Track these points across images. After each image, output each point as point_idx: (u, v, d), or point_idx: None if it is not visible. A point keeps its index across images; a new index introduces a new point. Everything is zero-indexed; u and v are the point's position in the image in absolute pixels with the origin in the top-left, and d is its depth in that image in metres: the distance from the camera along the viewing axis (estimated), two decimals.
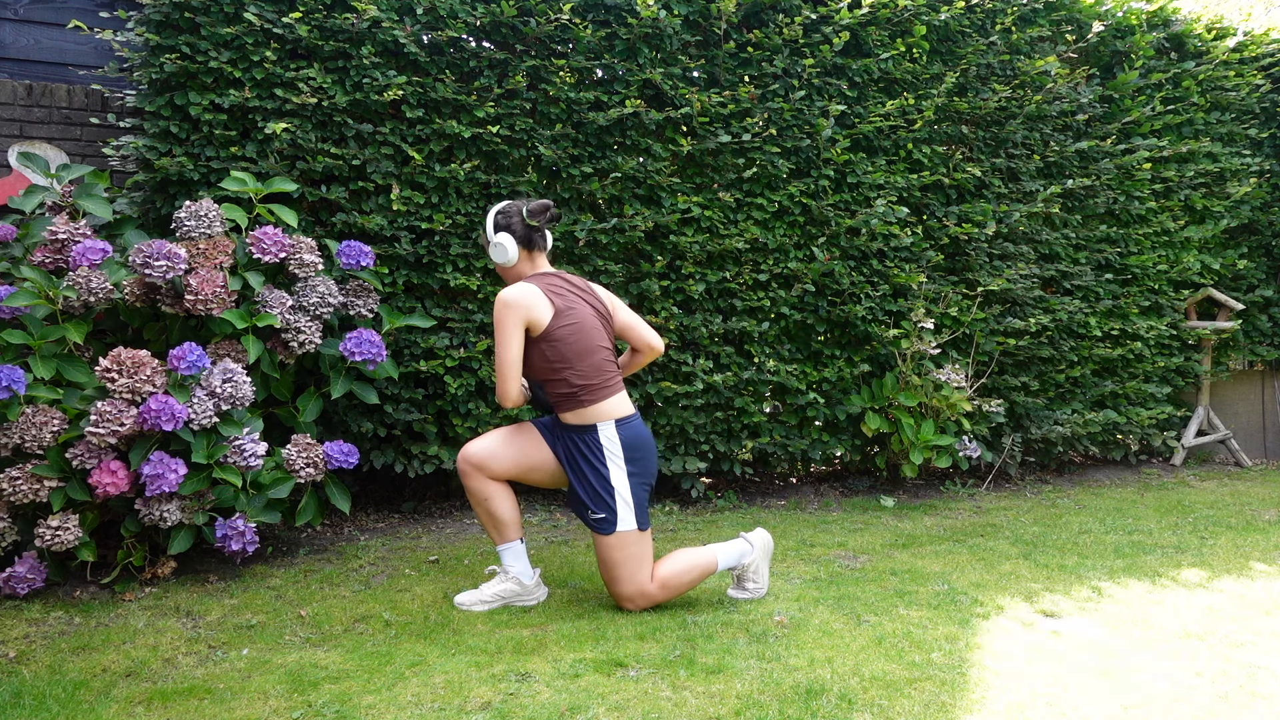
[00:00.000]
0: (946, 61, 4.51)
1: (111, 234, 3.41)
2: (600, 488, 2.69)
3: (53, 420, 2.81)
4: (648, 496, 2.77)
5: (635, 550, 2.70)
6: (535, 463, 2.81)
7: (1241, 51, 5.27)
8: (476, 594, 2.81)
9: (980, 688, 2.23)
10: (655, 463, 2.80)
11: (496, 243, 2.77)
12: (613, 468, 2.70)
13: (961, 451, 4.40)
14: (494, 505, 2.78)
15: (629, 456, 2.71)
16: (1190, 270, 5.12)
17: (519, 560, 2.82)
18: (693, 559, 2.76)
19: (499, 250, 2.78)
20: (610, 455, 2.71)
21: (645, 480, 2.75)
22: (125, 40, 3.57)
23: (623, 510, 2.69)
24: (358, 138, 3.65)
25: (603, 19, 3.95)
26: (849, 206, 4.33)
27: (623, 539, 2.68)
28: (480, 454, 2.77)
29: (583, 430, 2.73)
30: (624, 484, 2.70)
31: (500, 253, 2.77)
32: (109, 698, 2.16)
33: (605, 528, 2.69)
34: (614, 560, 2.70)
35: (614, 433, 2.72)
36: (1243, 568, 3.24)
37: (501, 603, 2.81)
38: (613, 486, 2.69)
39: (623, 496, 2.69)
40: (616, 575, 2.71)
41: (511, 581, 2.81)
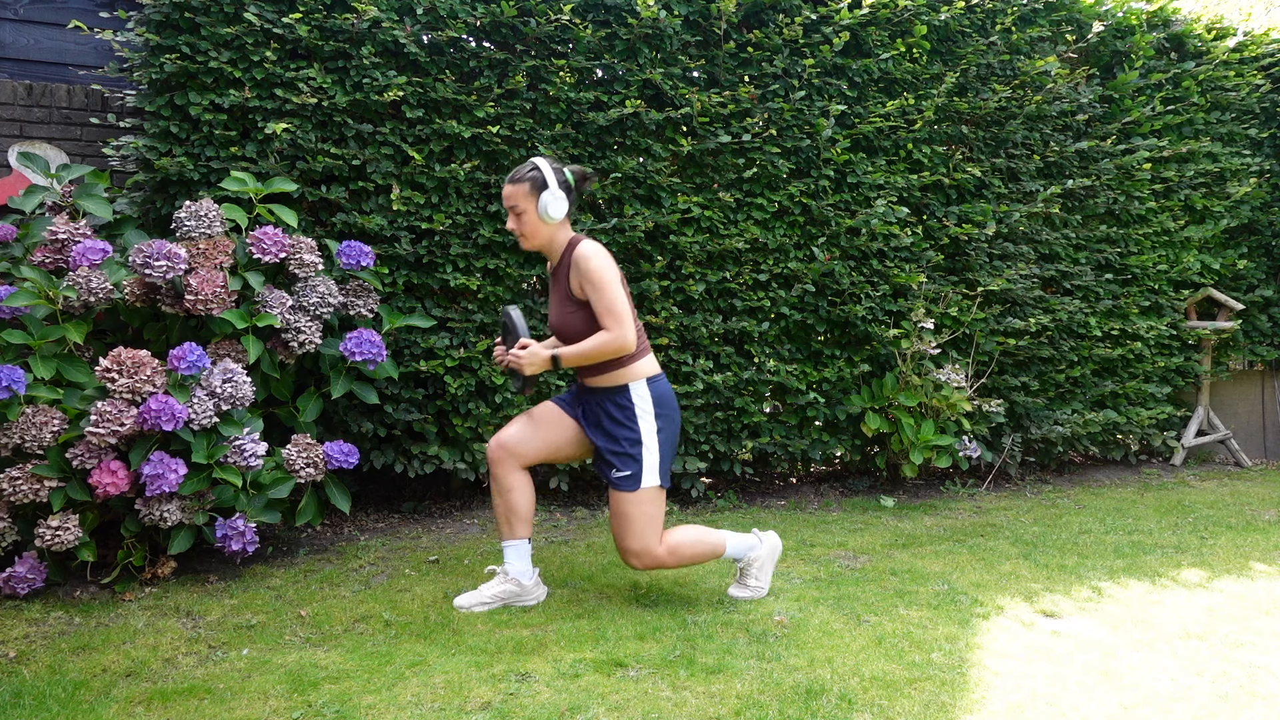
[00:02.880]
0: (946, 61, 4.51)
1: (111, 234, 3.41)
2: (629, 446, 2.71)
3: (53, 420, 2.81)
4: (672, 455, 2.80)
5: (651, 509, 2.72)
6: (564, 439, 2.85)
7: (1241, 51, 5.27)
8: (476, 595, 2.81)
9: (980, 688, 2.23)
10: (680, 420, 2.83)
11: (557, 196, 2.72)
12: (643, 424, 2.73)
13: (961, 451, 4.40)
14: (516, 497, 2.80)
15: (658, 412, 2.75)
16: (1190, 270, 5.12)
17: (522, 559, 2.81)
18: (703, 535, 2.80)
19: (556, 204, 2.71)
20: (641, 412, 2.73)
21: (672, 436, 2.78)
22: (125, 40, 3.58)
23: (648, 466, 2.71)
24: (358, 138, 3.65)
25: (603, 19, 3.95)
26: (849, 206, 4.33)
27: (643, 496, 2.71)
28: (513, 439, 2.80)
29: (613, 391, 2.74)
30: (653, 440, 2.73)
31: (557, 207, 2.72)
32: (109, 698, 2.16)
33: (630, 484, 2.71)
34: (630, 515, 2.71)
35: (645, 390, 2.74)
36: (1243, 568, 3.24)
37: (501, 603, 2.81)
38: (642, 443, 2.72)
39: (650, 452, 2.72)
40: (629, 530, 2.72)
41: (511, 582, 2.80)
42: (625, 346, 2.67)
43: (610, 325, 2.66)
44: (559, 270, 2.80)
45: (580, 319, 2.72)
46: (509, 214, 2.78)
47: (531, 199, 2.73)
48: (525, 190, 2.72)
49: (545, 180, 2.72)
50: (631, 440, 2.72)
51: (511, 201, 2.75)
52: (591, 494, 4.30)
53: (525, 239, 2.77)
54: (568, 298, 2.75)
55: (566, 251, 2.77)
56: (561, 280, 2.78)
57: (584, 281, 2.68)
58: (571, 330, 2.74)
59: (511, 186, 2.74)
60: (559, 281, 2.79)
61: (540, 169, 2.74)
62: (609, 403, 2.75)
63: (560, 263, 2.80)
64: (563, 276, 2.77)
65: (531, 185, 2.72)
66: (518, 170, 2.77)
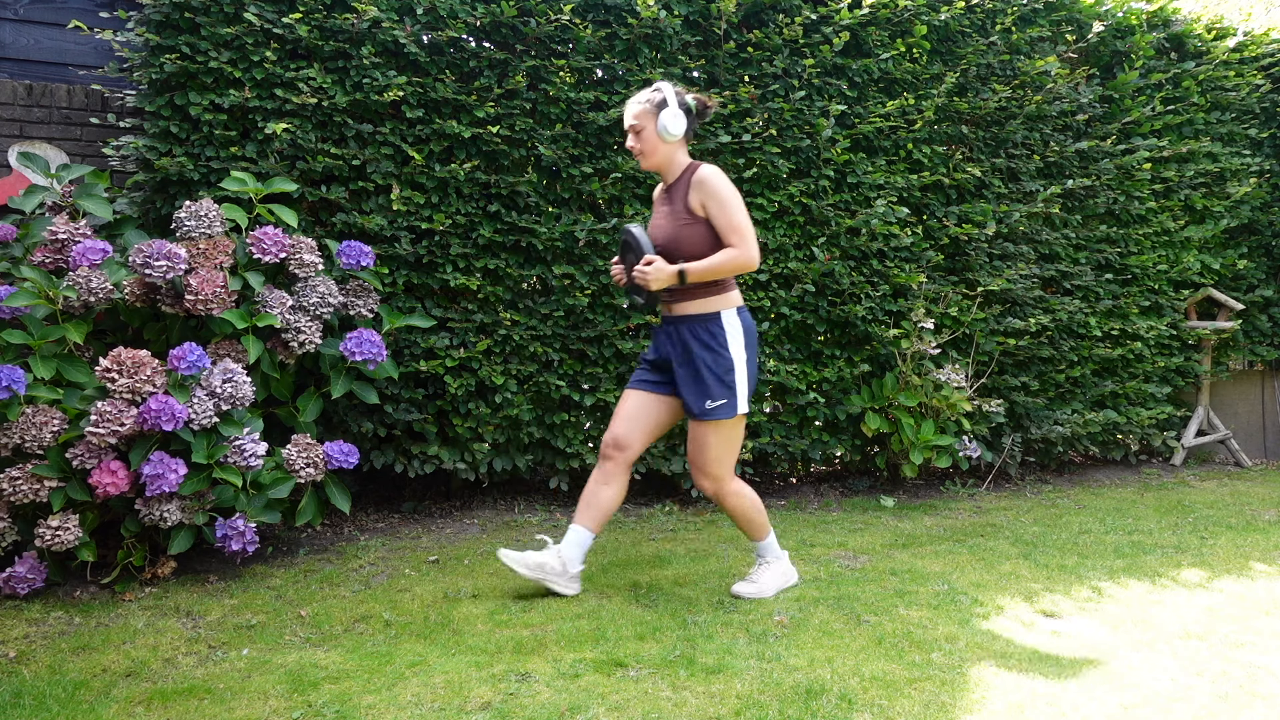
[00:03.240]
0: (946, 61, 4.51)
1: (111, 234, 3.41)
2: (724, 373, 2.77)
3: (53, 420, 2.81)
4: (754, 389, 2.91)
5: (734, 434, 2.83)
6: (660, 415, 2.93)
7: (1241, 51, 5.26)
8: (521, 556, 2.88)
9: (980, 688, 2.23)
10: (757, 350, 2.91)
11: (676, 115, 2.79)
12: (734, 350, 2.79)
13: (961, 451, 4.40)
14: (610, 493, 2.89)
15: (746, 341, 2.82)
16: (1190, 270, 5.11)
17: (578, 547, 2.89)
18: (760, 508, 2.93)
19: (675, 121, 2.78)
20: (733, 340, 2.80)
21: (755, 367, 2.87)
22: (125, 40, 3.58)
23: (740, 394, 2.79)
24: (358, 138, 3.65)
25: (603, 19, 3.95)
26: (849, 206, 4.33)
27: (733, 423, 2.80)
28: (624, 434, 2.89)
29: (705, 319, 2.80)
30: (743, 367, 2.80)
31: (676, 125, 2.79)
32: (109, 698, 2.16)
33: (726, 412, 2.77)
34: (714, 443, 2.80)
35: (735, 318, 2.82)
36: (1243, 568, 3.24)
37: (537, 573, 2.85)
38: (734, 370, 2.78)
39: (742, 378, 2.80)
40: (711, 457, 2.81)
41: (555, 558, 2.88)
42: (751, 263, 2.76)
43: (736, 242, 2.75)
44: (674, 190, 2.87)
45: (694, 234, 2.78)
46: (629, 133, 2.86)
47: (652, 117, 2.82)
48: (647, 109, 2.82)
49: (666, 100, 2.82)
50: (726, 368, 2.78)
51: (633, 120, 2.84)
52: None
53: (644, 156, 2.86)
54: (685, 214, 2.80)
55: (686, 172, 2.85)
56: (678, 199, 2.84)
57: (707, 199, 2.76)
58: (684, 246, 2.79)
59: (634, 106, 2.85)
60: (674, 200, 2.85)
61: (662, 89, 2.83)
62: (701, 330, 2.80)
63: (677, 182, 2.86)
64: (679, 195, 2.83)
65: (653, 104, 2.82)
66: (641, 91, 2.89)
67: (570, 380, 3.96)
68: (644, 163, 2.88)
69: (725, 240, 2.76)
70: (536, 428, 3.93)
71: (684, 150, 2.88)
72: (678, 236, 2.80)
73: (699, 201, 2.78)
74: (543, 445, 4.03)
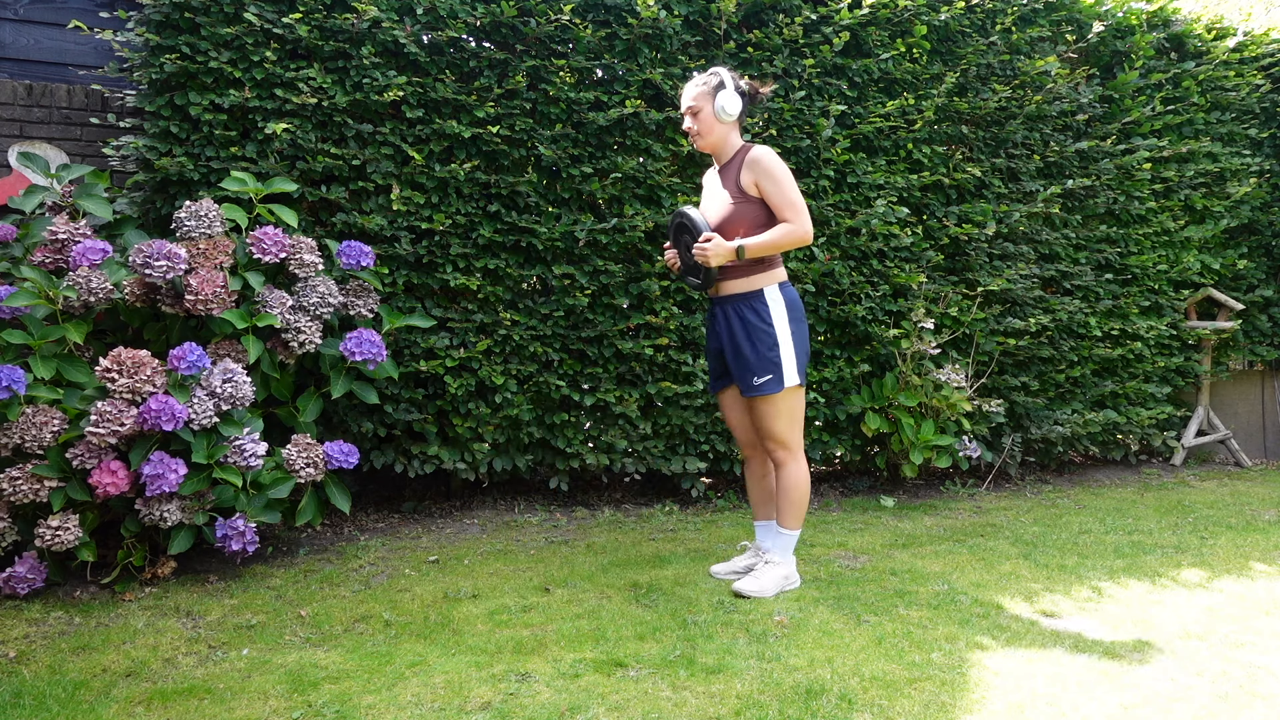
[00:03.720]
0: (946, 61, 4.51)
1: (111, 234, 3.41)
2: (768, 350, 2.84)
3: (53, 420, 2.81)
4: (808, 355, 2.95)
5: (795, 404, 2.89)
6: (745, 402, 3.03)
7: (1241, 51, 5.26)
8: (728, 564, 3.12)
9: (980, 688, 2.23)
10: (806, 322, 2.96)
11: (734, 96, 2.88)
12: (779, 324, 2.86)
13: (961, 451, 4.40)
14: (769, 481, 3.09)
15: (791, 315, 2.89)
16: (1190, 270, 5.11)
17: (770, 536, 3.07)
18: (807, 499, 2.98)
19: (731, 101, 2.88)
20: (777, 315, 2.86)
21: (805, 338, 2.92)
22: (125, 40, 3.58)
23: (788, 367, 2.86)
24: (358, 138, 3.65)
25: (603, 19, 3.95)
26: (849, 206, 4.33)
27: (786, 394, 2.87)
28: (741, 436, 3.10)
29: (749, 296, 2.88)
30: (788, 341, 2.86)
31: (733, 105, 2.88)
32: (109, 698, 2.16)
33: (773, 387, 2.85)
34: (770, 414, 2.88)
35: (779, 293, 2.89)
36: (1243, 568, 3.24)
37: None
38: (779, 345, 2.85)
39: (788, 352, 2.86)
40: (776, 422, 2.88)
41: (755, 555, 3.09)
42: (806, 236, 2.84)
43: (791, 217, 2.83)
44: (727, 169, 2.95)
45: (745, 212, 2.86)
46: (686, 115, 2.94)
47: (709, 98, 2.90)
48: (705, 91, 2.90)
49: (725, 82, 2.90)
50: (769, 344, 2.85)
51: (691, 101, 2.92)
52: (591, 494, 4.30)
53: (700, 137, 2.94)
54: (737, 192, 2.88)
55: (739, 153, 2.93)
56: (731, 178, 2.92)
57: (761, 177, 2.84)
58: (736, 224, 2.87)
59: (692, 88, 2.93)
60: (727, 180, 2.94)
61: (719, 72, 2.92)
62: (745, 308, 2.88)
63: (730, 163, 2.95)
64: (732, 174, 2.92)
65: (710, 87, 2.90)
66: (697, 76, 2.99)
67: (570, 380, 3.96)
68: (699, 143, 2.96)
69: (780, 216, 2.85)
70: (536, 428, 3.93)
71: (737, 132, 2.97)
72: (730, 215, 2.88)
73: (751, 180, 2.86)
74: (543, 445, 4.03)
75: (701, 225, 2.87)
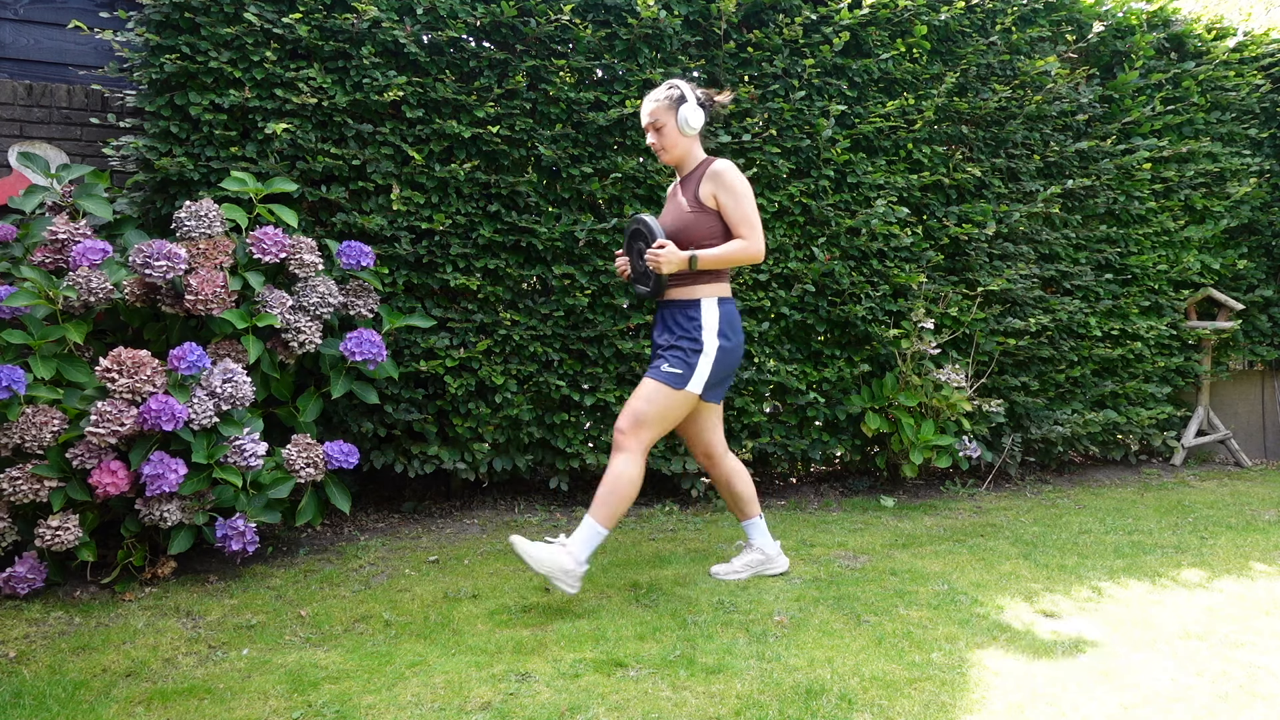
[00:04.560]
0: (946, 61, 4.51)
1: (111, 234, 3.41)
2: (687, 352, 2.85)
3: (53, 420, 2.81)
4: (726, 381, 2.94)
5: (671, 405, 2.84)
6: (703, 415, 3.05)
7: (1241, 51, 5.27)
8: (728, 566, 3.10)
9: (980, 688, 2.23)
10: (742, 348, 2.95)
11: (696, 108, 2.89)
12: (708, 336, 2.86)
13: (961, 451, 4.40)
14: (735, 485, 3.09)
15: (723, 330, 2.88)
16: (1190, 270, 5.12)
17: (760, 533, 3.11)
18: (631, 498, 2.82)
19: (694, 114, 2.89)
20: (708, 325, 2.86)
21: (730, 360, 2.90)
22: (125, 40, 3.58)
23: (698, 375, 2.84)
24: (358, 138, 3.65)
25: (603, 19, 3.95)
26: (849, 206, 4.33)
27: (677, 397, 2.84)
28: (695, 450, 3.09)
29: (687, 304, 2.89)
30: (712, 353, 2.85)
31: (695, 117, 2.89)
32: (109, 698, 2.16)
33: (675, 381, 2.84)
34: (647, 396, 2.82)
35: (715, 307, 2.88)
36: (1243, 568, 3.24)
37: (751, 572, 3.09)
38: (701, 352, 2.85)
39: (705, 364, 2.85)
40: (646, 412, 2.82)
41: (756, 551, 3.11)
42: (758, 254, 2.86)
43: (746, 234, 2.85)
44: (688, 181, 2.96)
45: (700, 222, 2.87)
46: (649, 130, 2.94)
47: (671, 112, 2.90)
48: (666, 105, 2.91)
49: (685, 95, 2.91)
50: (693, 348, 2.85)
51: (654, 117, 2.92)
52: (591, 494, 4.30)
53: (664, 151, 2.95)
54: (694, 203, 2.89)
55: (701, 165, 2.94)
56: (690, 190, 2.93)
57: (721, 190, 2.85)
58: (691, 234, 2.87)
59: (653, 103, 2.92)
60: (687, 190, 2.94)
61: (679, 86, 2.92)
62: (680, 314, 2.89)
63: (691, 175, 2.96)
64: (692, 186, 2.93)
65: (671, 100, 2.91)
66: (656, 90, 2.96)
67: (570, 380, 3.96)
68: (664, 157, 2.96)
69: (736, 231, 2.86)
70: (536, 428, 3.93)
71: (699, 144, 2.99)
72: (686, 225, 2.89)
73: (710, 192, 2.87)
74: (543, 445, 4.03)
75: (657, 231, 2.87)
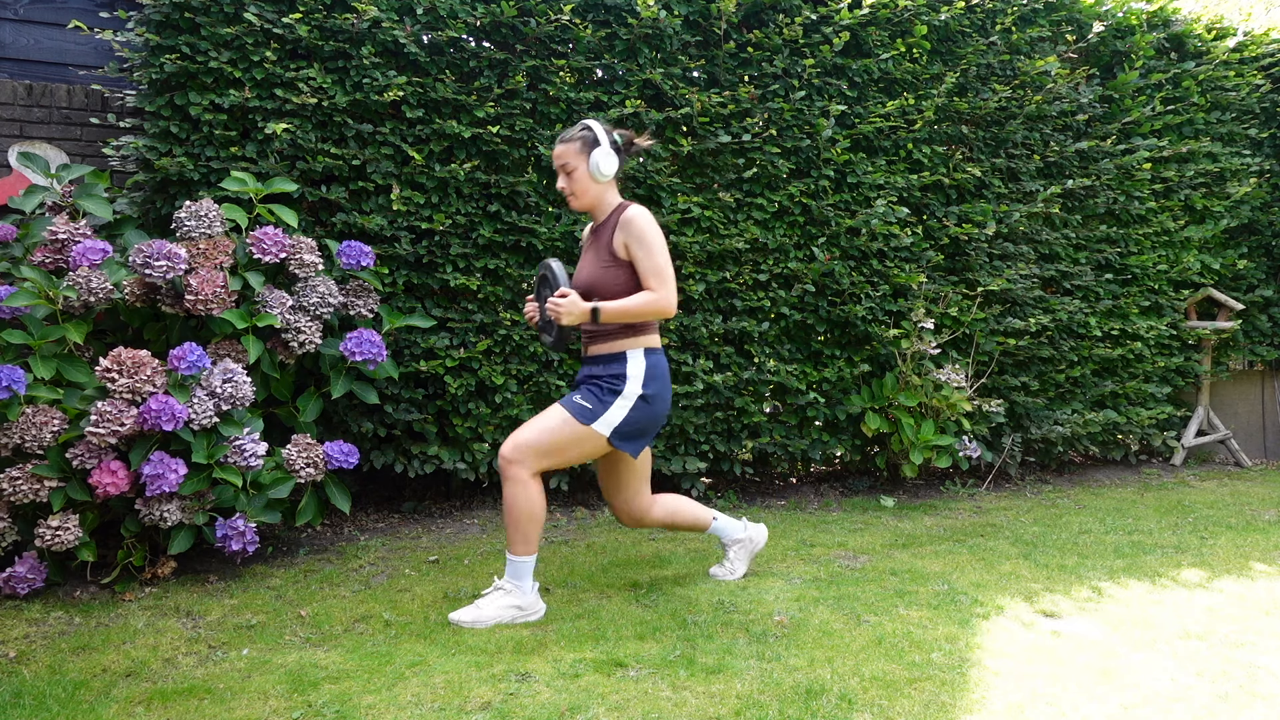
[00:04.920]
0: (946, 61, 4.51)
1: (111, 234, 3.41)
2: (607, 390, 2.69)
3: (53, 420, 2.81)
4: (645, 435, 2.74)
5: (572, 439, 2.65)
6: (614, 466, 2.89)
7: (1241, 51, 5.27)
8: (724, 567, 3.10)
9: (980, 688, 2.22)
10: (668, 403, 2.78)
11: (608, 154, 2.72)
12: (630, 387, 2.69)
13: (961, 451, 4.40)
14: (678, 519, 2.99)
15: (648, 380, 2.72)
16: (1190, 270, 5.12)
17: (729, 526, 3.08)
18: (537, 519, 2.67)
19: (607, 161, 2.72)
20: (633, 376, 2.70)
21: (653, 413, 2.73)
22: (125, 40, 3.58)
23: (608, 418, 2.67)
24: (358, 138, 3.65)
25: (603, 19, 3.95)
26: (849, 206, 4.33)
27: (580, 431, 2.65)
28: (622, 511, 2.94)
29: (611, 359, 2.73)
30: (631, 399, 2.69)
31: (608, 164, 2.72)
32: (109, 698, 2.16)
33: (582, 415, 2.66)
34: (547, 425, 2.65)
35: (641, 358, 2.73)
36: (1243, 568, 3.24)
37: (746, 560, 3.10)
38: (620, 396, 2.68)
39: (620, 409, 2.68)
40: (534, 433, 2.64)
41: (741, 542, 3.09)
42: (668, 309, 2.68)
43: (656, 286, 2.67)
44: (601, 230, 2.79)
45: (614, 276, 2.71)
46: (559, 173, 2.77)
47: (583, 156, 2.73)
48: (576, 148, 2.73)
49: (597, 138, 2.74)
50: (611, 385, 2.69)
51: (563, 160, 2.75)
52: (591, 494, 4.30)
53: (575, 197, 2.77)
54: (607, 255, 2.73)
55: (615, 212, 2.77)
56: (604, 239, 2.76)
57: (631, 241, 2.68)
58: (603, 287, 2.72)
59: (563, 145, 2.75)
60: (599, 240, 2.78)
61: (591, 128, 2.75)
62: (602, 368, 2.73)
63: (605, 223, 2.78)
64: (605, 235, 2.76)
65: (583, 143, 2.74)
66: (568, 130, 2.78)
67: (570, 380, 3.96)
68: (574, 203, 2.78)
69: (645, 283, 2.68)
70: None
71: (614, 190, 2.80)
72: (597, 277, 2.72)
73: (622, 242, 2.70)
74: None
75: (560, 279, 2.70)
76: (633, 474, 2.88)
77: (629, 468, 2.87)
